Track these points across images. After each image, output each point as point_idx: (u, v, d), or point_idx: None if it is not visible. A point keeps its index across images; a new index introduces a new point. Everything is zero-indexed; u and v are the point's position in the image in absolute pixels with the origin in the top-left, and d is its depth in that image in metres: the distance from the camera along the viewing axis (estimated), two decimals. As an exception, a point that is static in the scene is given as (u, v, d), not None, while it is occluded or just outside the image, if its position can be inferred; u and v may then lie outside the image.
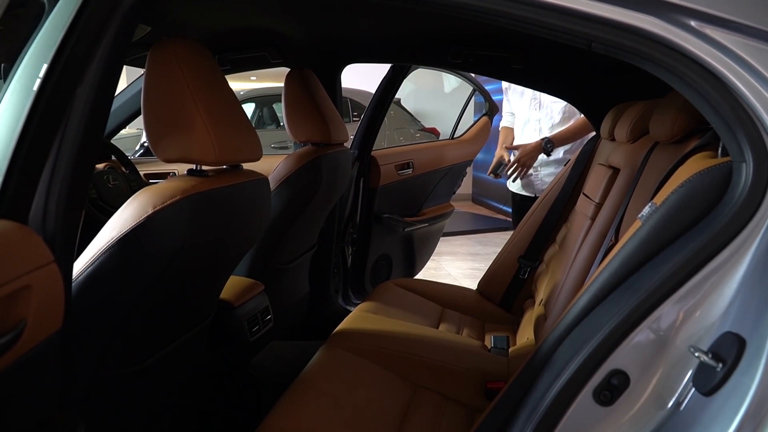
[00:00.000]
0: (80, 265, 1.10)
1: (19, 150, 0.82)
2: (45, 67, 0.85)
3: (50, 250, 0.84)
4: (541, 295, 1.96)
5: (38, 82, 0.84)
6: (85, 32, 0.87)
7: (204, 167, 1.27)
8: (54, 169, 0.90)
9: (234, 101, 1.33)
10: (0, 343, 0.70)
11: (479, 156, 3.97)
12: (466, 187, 8.02)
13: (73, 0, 0.87)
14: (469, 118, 3.97)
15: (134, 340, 1.23)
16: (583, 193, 1.84)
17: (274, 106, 7.63)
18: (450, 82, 8.37)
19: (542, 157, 2.83)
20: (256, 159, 1.36)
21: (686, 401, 0.87)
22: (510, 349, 1.92)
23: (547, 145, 2.72)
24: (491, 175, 2.98)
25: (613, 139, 1.91)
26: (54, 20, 0.90)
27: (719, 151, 0.98)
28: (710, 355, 0.82)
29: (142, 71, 2.75)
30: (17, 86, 0.90)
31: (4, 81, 1.19)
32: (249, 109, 7.44)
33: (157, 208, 1.11)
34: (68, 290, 0.93)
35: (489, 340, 2.00)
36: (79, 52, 0.87)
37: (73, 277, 1.08)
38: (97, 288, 1.10)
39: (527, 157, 2.77)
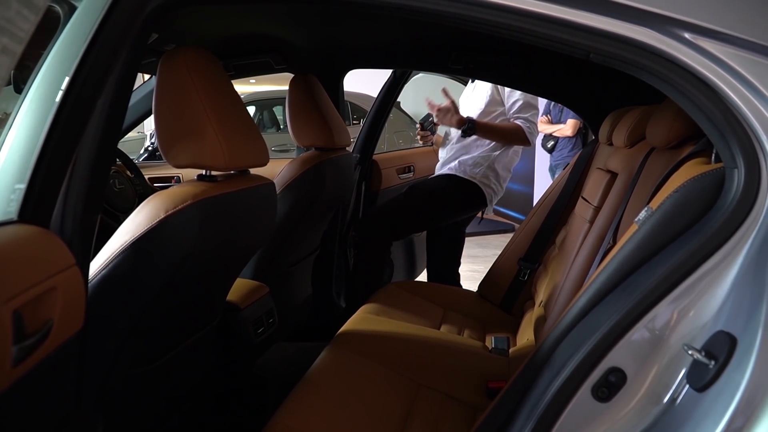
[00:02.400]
0: (94, 268, 1.13)
1: (42, 159, 0.85)
2: (67, 80, 0.87)
3: (72, 254, 0.87)
4: (541, 296, 2.00)
5: (60, 94, 0.87)
6: (105, 45, 0.90)
7: (213, 173, 1.31)
8: (72, 175, 0.94)
9: (242, 108, 1.36)
10: (31, 342, 0.74)
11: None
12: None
13: (95, 13, 0.90)
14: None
15: (146, 340, 1.26)
16: (582, 197, 1.88)
17: (275, 109, 7.67)
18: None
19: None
20: (264, 164, 1.40)
21: (681, 397, 0.90)
22: (510, 350, 1.96)
23: (468, 126, 2.60)
24: (418, 125, 3.03)
25: (611, 144, 1.95)
26: (74, 32, 0.93)
27: (713, 157, 1.01)
28: (703, 353, 0.85)
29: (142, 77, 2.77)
30: (37, 96, 0.92)
31: (16, 89, 1.21)
32: (249, 112, 7.46)
33: (170, 212, 1.14)
34: (86, 292, 0.97)
35: (490, 341, 2.03)
36: (100, 64, 0.90)
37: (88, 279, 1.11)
38: (112, 290, 1.13)
39: (445, 118, 2.63)
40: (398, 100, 3.28)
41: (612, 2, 0.91)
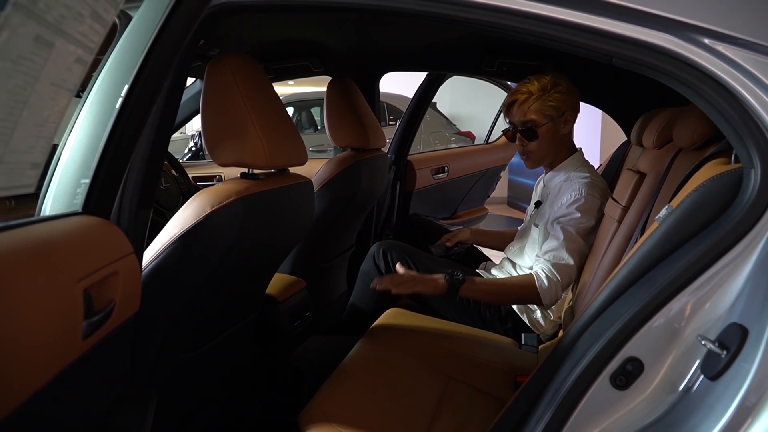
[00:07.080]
0: (146, 259, 1.22)
1: (104, 158, 0.94)
2: (126, 87, 0.96)
3: (130, 243, 0.96)
4: (570, 294, 2.03)
5: (120, 101, 0.95)
6: (161, 55, 0.97)
7: (255, 171, 1.38)
8: (128, 173, 1.03)
9: (282, 110, 1.44)
10: (97, 319, 0.83)
11: (514, 160, 4.04)
12: (501, 190, 8.04)
13: (151, 24, 0.98)
14: (503, 122, 4.03)
15: (191, 328, 1.34)
16: (612, 197, 1.90)
17: (312, 110, 7.77)
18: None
19: None
20: (302, 163, 1.47)
21: (695, 386, 0.94)
22: (540, 346, 1.99)
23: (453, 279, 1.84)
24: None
25: (641, 145, 1.97)
26: (130, 42, 1.01)
27: (732, 158, 1.04)
28: (717, 344, 0.89)
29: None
30: (96, 101, 1.01)
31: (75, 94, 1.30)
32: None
33: (215, 207, 1.23)
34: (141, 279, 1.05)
35: (520, 338, 2.07)
36: (156, 74, 0.98)
37: None
38: (162, 279, 1.22)
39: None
40: (434, 101, 3.33)
41: (633, 9, 0.95)
